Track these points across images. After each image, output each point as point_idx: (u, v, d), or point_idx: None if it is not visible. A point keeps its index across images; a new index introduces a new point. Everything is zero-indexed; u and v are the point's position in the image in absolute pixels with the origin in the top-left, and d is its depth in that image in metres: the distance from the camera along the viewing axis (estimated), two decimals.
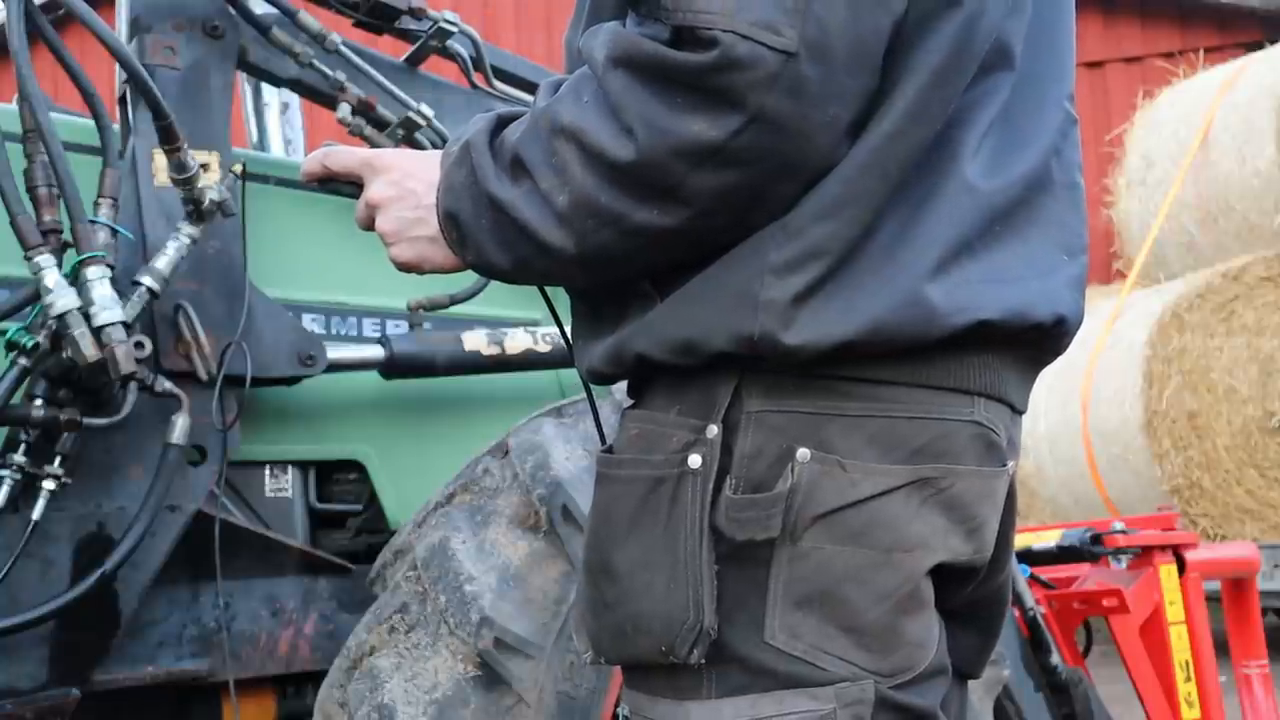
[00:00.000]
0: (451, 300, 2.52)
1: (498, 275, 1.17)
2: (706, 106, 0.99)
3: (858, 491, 1.07)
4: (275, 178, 2.48)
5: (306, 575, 2.36)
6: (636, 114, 1.01)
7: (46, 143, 1.89)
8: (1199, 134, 7.79)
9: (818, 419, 1.08)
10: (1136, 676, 2.91)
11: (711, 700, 1.10)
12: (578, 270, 1.12)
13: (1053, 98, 1.22)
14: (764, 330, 1.05)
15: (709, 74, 0.98)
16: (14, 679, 1.98)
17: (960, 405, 1.11)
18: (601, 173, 1.04)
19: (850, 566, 1.07)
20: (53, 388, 1.95)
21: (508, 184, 1.10)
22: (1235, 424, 7.10)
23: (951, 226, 1.08)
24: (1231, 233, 7.65)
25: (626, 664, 1.18)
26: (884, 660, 1.09)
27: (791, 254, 1.05)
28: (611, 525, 1.14)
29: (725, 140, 0.99)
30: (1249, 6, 9.91)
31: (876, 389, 1.08)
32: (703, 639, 1.08)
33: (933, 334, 1.06)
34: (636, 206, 1.04)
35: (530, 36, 11.13)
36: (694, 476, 1.08)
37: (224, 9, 2.28)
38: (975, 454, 1.12)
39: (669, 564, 1.09)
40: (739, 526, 1.07)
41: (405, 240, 1.23)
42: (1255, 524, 7.05)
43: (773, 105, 0.98)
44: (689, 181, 1.02)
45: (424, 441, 2.57)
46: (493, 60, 2.67)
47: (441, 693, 1.83)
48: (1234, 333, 7.14)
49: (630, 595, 1.12)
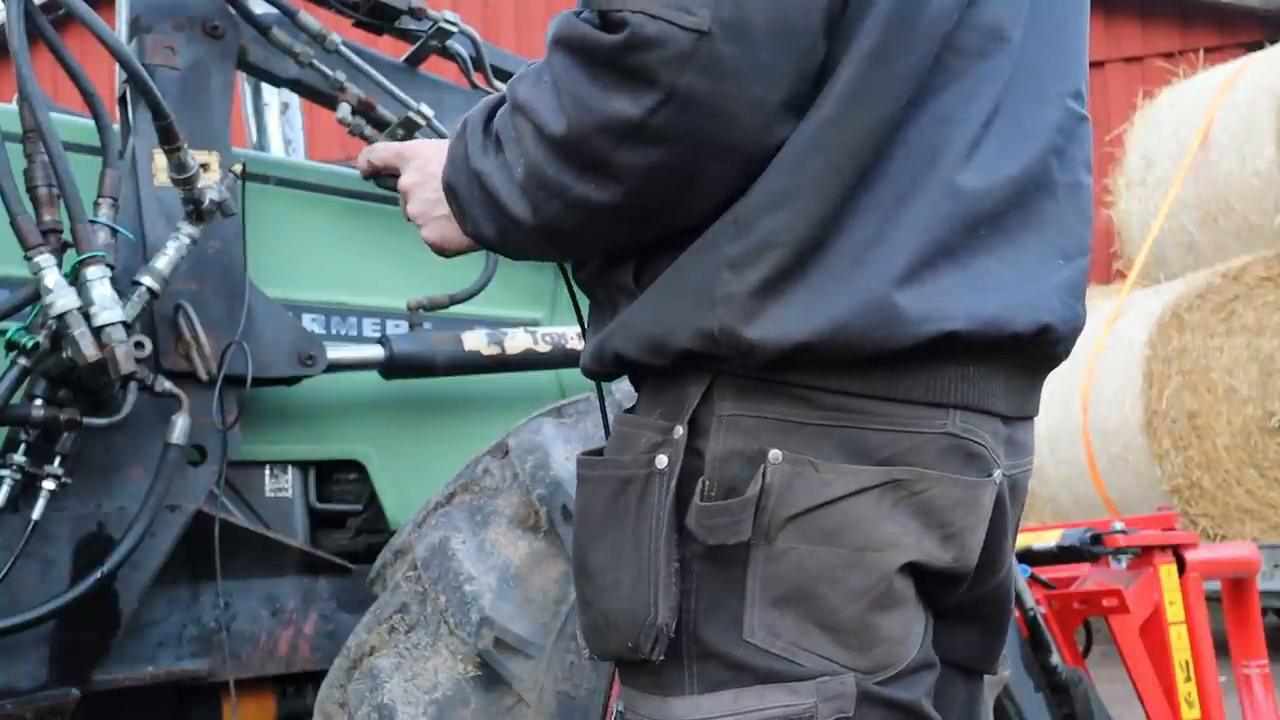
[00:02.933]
0: (451, 300, 2.52)
1: (491, 246, 1.22)
2: (626, 85, 1.02)
3: (830, 491, 1.07)
4: (275, 178, 2.48)
5: (306, 575, 2.36)
6: (568, 91, 1.05)
7: (46, 143, 1.89)
8: (1199, 134, 7.78)
9: (787, 425, 1.08)
10: (1136, 676, 2.91)
11: (693, 696, 1.11)
12: (543, 242, 1.15)
13: (1054, 93, 1.19)
14: (723, 325, 1.06)
15: (622, 53, 1.01)
16: (14, 679, 1.98)
17: (932, 417, 1.10)
18: (545, 146, 1.08)
19: (823, 566, 1.08)
20: (53, 388, 1.95)
21: (490, 157, 1.15)
22: (1235, 424, 7.10)
23: (930, 230, 1.07)
24: (1231, 233, 7.64)
25: (609, 660, 1.19)
26: (862, 657, 1.09)
27: (744, 247, 1.06)
28: (587, 525, 1.17)
29: (644, 117, 1.02)
30: (1249, 6, 9.91)
31: (844, 399, 1.08)
32: (660, 636, 1.10)
33: (898, 342, 1.05)
34: (575, 180, 1.07)
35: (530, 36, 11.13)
36: (659, 476, 1.10)
37: (224, 9, 2.28)
38: (951, 463, 1.11)
39: (635, 562, 1.11)
40: (709, 532, 1.08)
41: (430, 221, 1.30)
42: (1255, 524, 7.04)
43: (687, 83, 0.99)
44: (615, 157, 1.05)
45: (424, 441, 2.57)
46: (493, 60, 2.67)
47: (441, 693, 1.83)
48: (1234, 333, 7.13)
49: (601, 593, 1.14)
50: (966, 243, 1.09)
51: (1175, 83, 8.73)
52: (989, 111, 1.11)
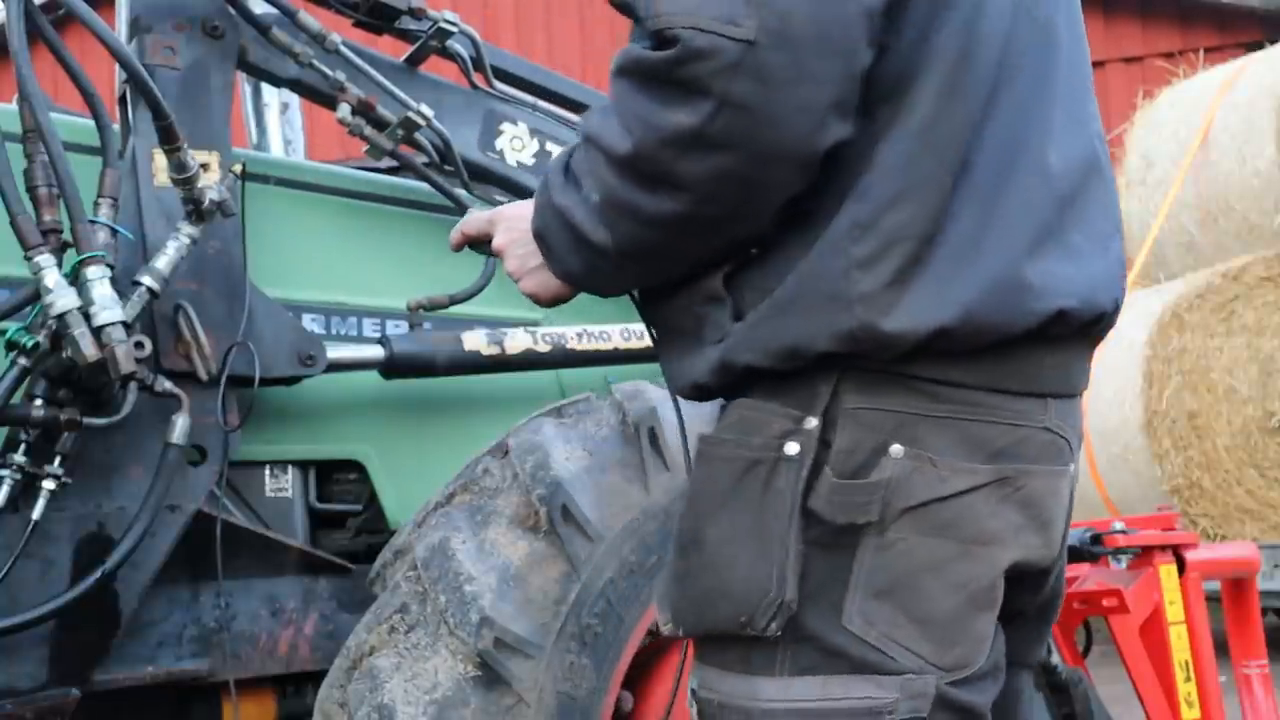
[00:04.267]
0: (451, 300, 2.52)
1: (580, 281, 1.31)
2: (682, 97, 1.09)
3: (947, 487, 1.15)
4: (275, 178, 2.48)
5: (306, 575, 2.36)
6: (631, 112, 1.14)
7: (46, 143, 1.89)
8: (1199, 134, 7.77)
9: (909, 418, 1.16)
10: (1136, 676, 2.91)
11: (784, 678, 1.17)
12: (628, 267, 1.24)
13: (1089, 81, 1.31)
14: (862, 322, 1.13)
15: (676, 66, 1.08)
16: (14, 679, 1.98)
17: (1035, 411, 1.19)
18: (614, 169, 1.16)
19: (932, 557, 1.15)
20: (53, 388, 1.95)
21: (570, 193, 1.24)
22: (1235, 424, 7.09)
23: (1033, 211, 1.17)
24: (1231, 233, 7.64)
25: (704, 635, 1.24)
26: (946, 653, 1.16)
27: (871, 247, 1.13)
28: (705, 500, 1.22)
29: (701, 125, 1.09)
30: (1249, 6, 9.91)
31: (960, 392, 1.16)
32: (782, 612, 1.15)
33: (1021, 321, 1.14)
34: (646, 196, 1.15)
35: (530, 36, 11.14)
36: (789, 462, 1.16)
37: (224, 9, 2.28)
38: (1047, 456, 1.20)
39: (756, 540, 1.17)
40: (840, 510, 1.15)
41: (526, 273, 1.38)
42: (1255, 524, 7.03)
43: (738, 90, 1.07)
44: (679, 167, 1.12)
45: (424, 441, 2.57)
46: (493, 60, 2.67)
47: (441, 693, 1.83)
48: (1234, 333, 7.13)
49: (716, 566, 1.19)
50: (1061, 221, 1.19)
51: (1175, 83, 8.72)
52: (1055, 98, 1.22)
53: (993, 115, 1.16)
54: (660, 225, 1.17)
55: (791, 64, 1.06)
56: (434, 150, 2.54)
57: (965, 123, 1.14)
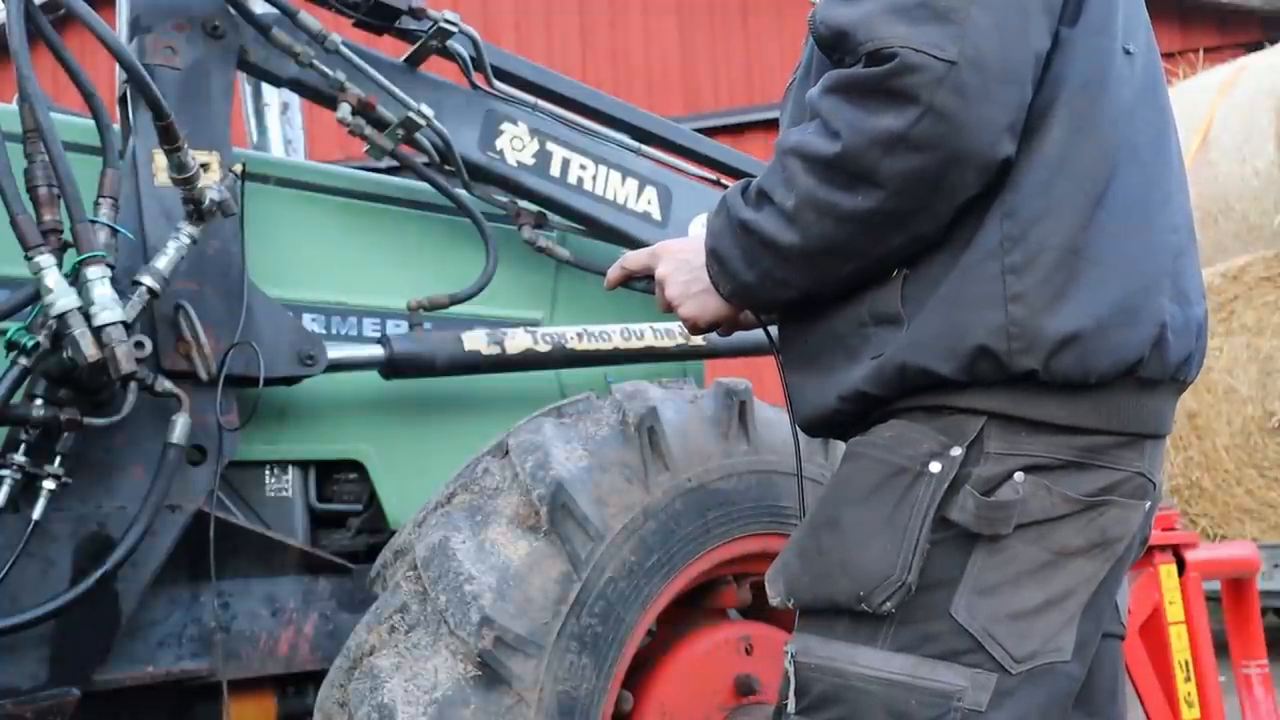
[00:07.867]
0: (451, 300, 2.52)
1: (747, 294, 1.49)
2: (891, 103, 1.27)
3: (1056, 510, 1.35)
4: (275, 178, 2.48)
5: (306, 575, 2.36)
6: (841, 119, 1.31)
7: (46, 143, 1.89)
8: (1199, 134, 7.77)
9: (1036, 461, 1.35)
10: (1136, 676, 2.91)
11: (884, 650, 1.35)
12: (806, 265, 1.40)
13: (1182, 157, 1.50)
14: (1014, 318, 1.30)
15: (891, 78, 1.27)
16: (14, 679, 1.98)
17: (1133, 456, 1.39)
18: (817, 172, 1.34)
19: (1031, 563, 1.34)
20: (53, 387, 1.95)
21: (752, 209, 1.42)
22: (1235, 424, 7.09)
23: (1156, 255, 1.37)
24: (1231, 233, 7.64)
25: (818, 606, 1.41)
26: (1022, 643, 1.33)
27: (1023, 255, 1.32)
28: (849, 489, 1.40)
29: (908, 128, 1.27)
30: (1249, 6, 9.91)
31: (1079, 439, 1.35)
32: (900, 592, 1.33)
33: (1134, 345, 1.33)
34: (844, 194, 1.32)
35: (530, 36, 11.14)
36: (930, 478, 1.35)
37: (224, 9, 2.28)
38: (1133, 494, 1.40)
39: (889, 531, 1.35)
40: (986, 523, 1.33)
41: (688, 299, 1.57)
42: (1255, 524, 7.04)
43: (942, 100, 1.25)
44: (882, 165, 1.29)
45: (424, 441, 2.57)
46: (493, 60, 2.67)
47: (441, 693, 1.82)
48: (1234, 333, 7.13)
49: (847, 545, 1.37)
50: (1175, 269, 1.39)
51: (1175, 83, 8.72)
52: (1170, 169, 1.43)
53: (1125, 161, 1.36)
54: (853, 221, 1.33)
55: (983, 85, 1.26)
56: (434, 150, 2.54)
57: (1098, 157, 1.34)
